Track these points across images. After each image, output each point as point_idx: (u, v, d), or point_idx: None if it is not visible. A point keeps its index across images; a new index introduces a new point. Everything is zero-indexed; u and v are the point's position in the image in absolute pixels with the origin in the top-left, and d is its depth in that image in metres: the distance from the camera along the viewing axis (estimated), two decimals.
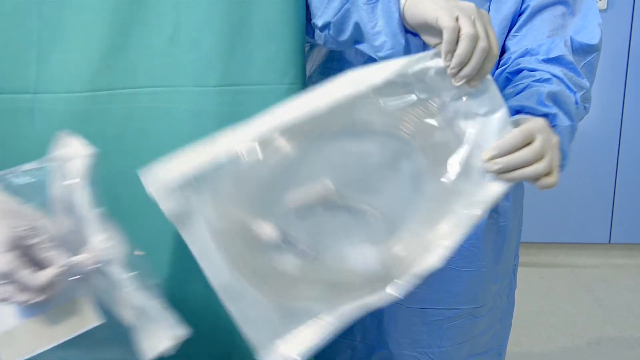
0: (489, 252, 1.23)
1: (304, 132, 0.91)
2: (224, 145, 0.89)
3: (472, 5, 0.86)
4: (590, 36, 1.09)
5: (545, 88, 1.01)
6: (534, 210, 3.13)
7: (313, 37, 1.11)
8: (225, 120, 1.05)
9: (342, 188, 0.92)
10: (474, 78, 0.88)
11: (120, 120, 1.09)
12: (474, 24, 0.84)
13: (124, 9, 1.05)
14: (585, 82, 1.07)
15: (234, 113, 1.05)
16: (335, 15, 1.02)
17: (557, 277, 3.19)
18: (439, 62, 0.89)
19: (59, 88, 1.08)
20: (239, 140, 0.89)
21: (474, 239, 1.21)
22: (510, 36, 1.13)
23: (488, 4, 1.11)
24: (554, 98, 1.00)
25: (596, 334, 2.67)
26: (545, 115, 0.97)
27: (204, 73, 1.05)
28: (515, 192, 1.24)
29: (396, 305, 1.22)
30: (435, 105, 0.93)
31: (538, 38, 1.10)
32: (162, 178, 0.88)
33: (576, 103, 1.04)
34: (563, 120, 0.99)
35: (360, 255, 0.92)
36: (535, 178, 0.90)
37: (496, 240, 1.24)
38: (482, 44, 0.84)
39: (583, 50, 1.09)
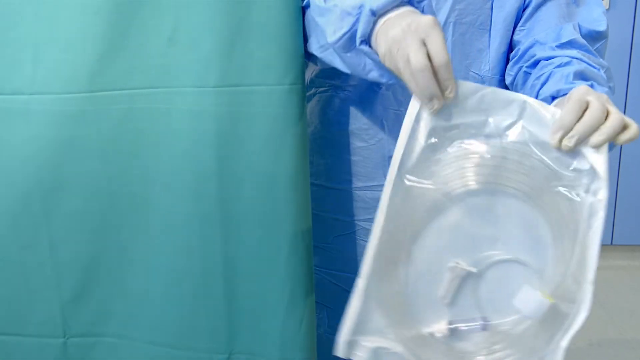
0: None
1: (398, 249, 0.96)
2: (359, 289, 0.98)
3: (404, 33, 0.87)
4: (597, 23, 1.10)
5: (570, 69, 1.01)
6: None
7: (309, 59, 1.12)
8: (225, 121, 1.06)
9: (468, 259, 0.95)
10: (445, 90, 0.89)
11: (119, 121, 1.09)
12: (408, 61, 0.86)
13: (123, 10, 1.05)
14: (603, 62, 1.08)
15: (233, 114, 1.05)
16: (320, 55, 1.04)
17: None
18: (426, 112, 0.92)
19: (57, 89, 1.08)
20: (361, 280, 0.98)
21: None
22: (517, 31, 1.13)
23: (490, 2, 1.12)
24: (582, 75, 1.01)
25: (598, 336, 2.67)
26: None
27: (203, 73, 1.05)
28: None
29: None
30: (476, 143, 0.94)
31: (545, 27, 1.11)
32: (341, 342, 0.98)
33: (603, 78, 1.04)
34: (600, 89, 0.98)
35: (528, 299, 0.93)
36: (617, 132, 0.88)
37: None
38: (415, 66, 0.85)
39: (591, 37, 1.10)
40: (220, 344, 1.16)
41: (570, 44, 1.07)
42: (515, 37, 1.13)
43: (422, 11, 1.10)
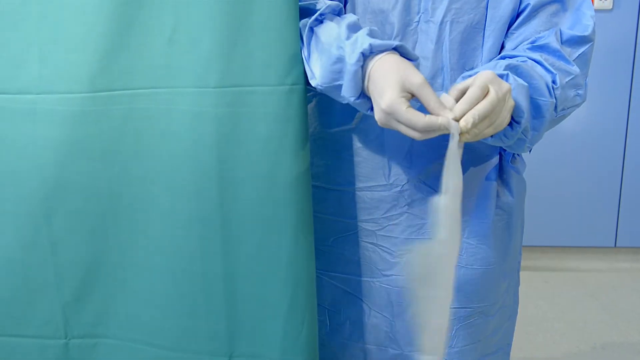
0: (497, 249, 1.24)
1: None
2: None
3: (381, 122, 0.98)
4: (582, 28, 1.12)
5: (508, 62, 1.05)
6: (538, 214, 3.12)
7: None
8: (225, 121, 1.06)
9: None
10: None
11: (119, 121, 1.09)
12: (391, 125, 0.98)
13: (123, 10, 1.05)
14: (573, 68, 1.09)
15: (234, 114, 1.06)
16: None
17: (561, 281, 3.19)
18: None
19: (60, 88, 1.08)
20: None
21: (482, 237, 1.21)
22: (508, 33, 1.14)
23: (486, 1, 1.12)
24: (512, 68, 1.04)
25: (602, 339, 2.67)
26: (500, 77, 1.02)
27: (204, 74, 1.05)
28: (518, 188, 1.25)
29: (406, 306, 1.23)
30: None
31: (530, 36, 1.13)
32: None
33: (554, 82, 1.06)
34: (515, 79, 1.02)
35: None
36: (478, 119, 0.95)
37: (503, 236, 1.25)
38: (417, 138, 0.96)
39: (575, 41, 1.11)
40: (221, 347, 1.16)
41: (540, 48, 1.09)
42: (505, 40, 1.14)
43: (419, 11, 1.12)
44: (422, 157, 1.15)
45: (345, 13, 1.15)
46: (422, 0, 1.12)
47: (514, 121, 1.01)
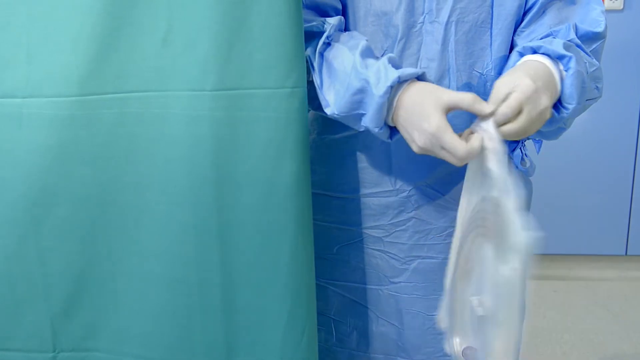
0: None
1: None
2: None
3: (426, 148, 1.01)
4: (595, 24, 1.13)
5: (562, 39, 1.07)
6: (547, 221, 3.12)
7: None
8: (223, 126, 1.06)
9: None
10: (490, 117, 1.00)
11: (110, 126, 1.09)
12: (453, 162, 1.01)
13: (115, 10, 1.05)
14: (594, 61, 1.11)
15: (232, 118, 1.05)
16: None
17: (571, 290, 3.20)
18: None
19: (48, 92, 1.08)
20: None
21: None
22: (518, 31, 1.16)
23: (490, 0, 1.13)
24: (569, 49, 1.06)
25: (612, 350, 2.68)
26: (561, 58, 1.04)
27: (200, 76, 1.05)
28: (526, 190, 1.27)
29: (415, 314, 1.24)
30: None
31: (545, 31, 1.13)
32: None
33: (586, 70, 1.08)
34: (577, 63, 1.04)
35: None
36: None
37: None
38: (459, 164, 1.00)
39: (588, 37, 1.13)
40: (218, 358, 1.15)
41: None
42: (515, 38, 1.15)
43: (423, 12, 1.12)
44: (428, 161, 1.15)
45: (344, 17, 1.16)
46: (426, 1, 1.12)
47: (562, 107, 1.04)
